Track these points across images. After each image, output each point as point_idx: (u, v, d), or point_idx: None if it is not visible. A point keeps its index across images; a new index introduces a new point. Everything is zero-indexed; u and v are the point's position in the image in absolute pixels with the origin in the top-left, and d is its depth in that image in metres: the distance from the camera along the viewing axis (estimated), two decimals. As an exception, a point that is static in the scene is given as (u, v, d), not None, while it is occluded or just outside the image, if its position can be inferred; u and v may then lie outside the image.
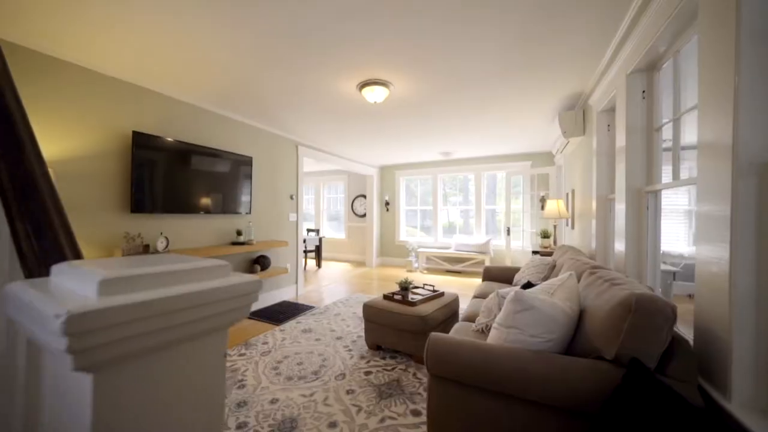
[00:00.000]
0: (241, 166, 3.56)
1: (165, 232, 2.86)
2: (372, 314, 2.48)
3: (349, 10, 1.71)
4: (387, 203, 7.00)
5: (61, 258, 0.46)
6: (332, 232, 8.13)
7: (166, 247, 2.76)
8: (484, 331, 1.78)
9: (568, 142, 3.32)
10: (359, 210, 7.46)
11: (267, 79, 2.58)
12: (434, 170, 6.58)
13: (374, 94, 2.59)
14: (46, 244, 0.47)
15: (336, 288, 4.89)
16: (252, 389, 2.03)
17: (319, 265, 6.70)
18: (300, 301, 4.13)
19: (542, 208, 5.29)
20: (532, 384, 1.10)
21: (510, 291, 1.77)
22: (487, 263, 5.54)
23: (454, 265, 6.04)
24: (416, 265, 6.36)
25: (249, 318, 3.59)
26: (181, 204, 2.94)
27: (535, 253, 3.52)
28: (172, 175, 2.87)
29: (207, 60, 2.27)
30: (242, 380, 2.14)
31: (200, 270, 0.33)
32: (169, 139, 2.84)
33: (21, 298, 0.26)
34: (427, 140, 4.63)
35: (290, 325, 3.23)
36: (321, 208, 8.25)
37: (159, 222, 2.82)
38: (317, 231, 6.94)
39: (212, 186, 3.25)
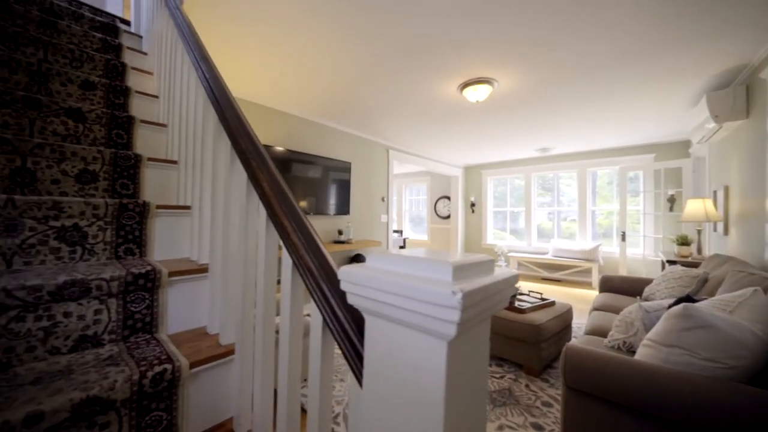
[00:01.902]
0: (342, 171, 3.91)
1: (284, 230, 3.32)
2: (475, 318, 2.44)
3: (456, 14, 1.74)
4: (473, 204, 6.78)
5: (317, 248, 0.59)
6: (414, 234, 8.24)
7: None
8: (621, 348, 1.59)
9: (720, 128, 2.70)
10: (443, 211, 7.40)
11: (367, 90, 2.78)
12: (527, 168, 6.11)
13: (476, 93, 2.56)
14: (306, 234, 0.61)
15: (423, 289, 4.95)
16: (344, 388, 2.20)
17: (402, 265, 6.87)
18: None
19: (671, 209, 4.43)
20: (709, 416, 0.95)
21: (656, 305, 1.54)
22: (595, 272, 4.89)
23: (552, 272, 5.50)
24: (506, 270, 5.99)
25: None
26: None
27: (671, 263, 2.96)
28: (286, 180, 3.32)
29: (314, 79, 2.57)
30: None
31: (489, 262, 0.39)
32: (280, 148, 3.29)
33: (383, 279, 0.35)
34: (525, 136, 4.34)
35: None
36: (403, 210, 8.45)
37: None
38: (400, 232, 7.13)
39: (318, 190, 3.65)
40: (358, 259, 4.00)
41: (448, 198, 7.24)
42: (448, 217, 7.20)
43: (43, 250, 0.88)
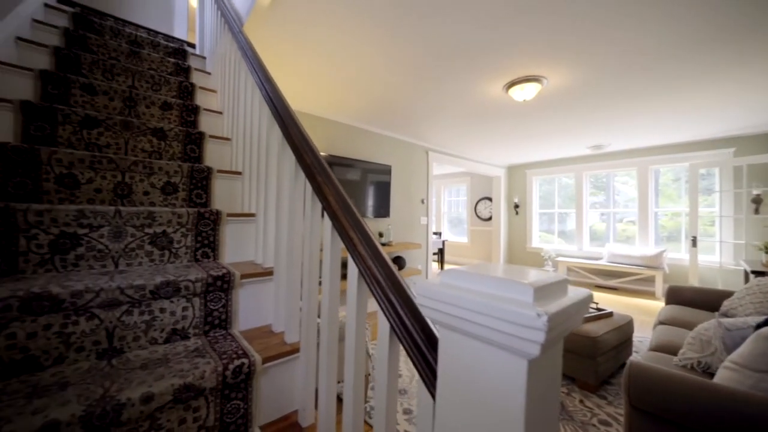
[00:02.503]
0: (382, 174, 3.98)
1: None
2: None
3: (502, 15, 1.70)
4: (516, 206, 6.50)
5: (384, 260, 0.63)
6: (453, 236, 8.10)
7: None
8: (695, 369, 1.45)
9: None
10: (483, 213, 7.19)
11: (409, 94, 2.81)
12: (578, 167, 5.72)
13: (524, 93, 2.47)
14: (372, 246, 0.65)
15: (464, 293, 4.86)
16: (408, 380, 2.24)
17: (442, 268, 6.79)
18: (431, 303, 4.29)
19: (756, 210, 3.89)
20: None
21: (739, 322, 1.39)
22: (659, 281, 4.44)
23: (606, 279, 5.10)
24: (554, 275, 5.66)
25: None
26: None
27: (758, 273, 2.61)
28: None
29: (356, 87, 2.65)
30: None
31: (563, 281, 0.40)
32: (322, 153, 3.43)
33: (462, 296, 0.38)
34: (576, 134, 4.08)
35: (427, 325, 3.39)
36: (442, 211, 8.35)
37: (324, 224, 3.46)
38: (439, 234, 7.06)
39: (359, 193, 3.75)
40: (398, 261, 4.04)
41: (490, 199, 7.02)
42: (490, 219, 6.98)
43: (140, 253, 1.03)
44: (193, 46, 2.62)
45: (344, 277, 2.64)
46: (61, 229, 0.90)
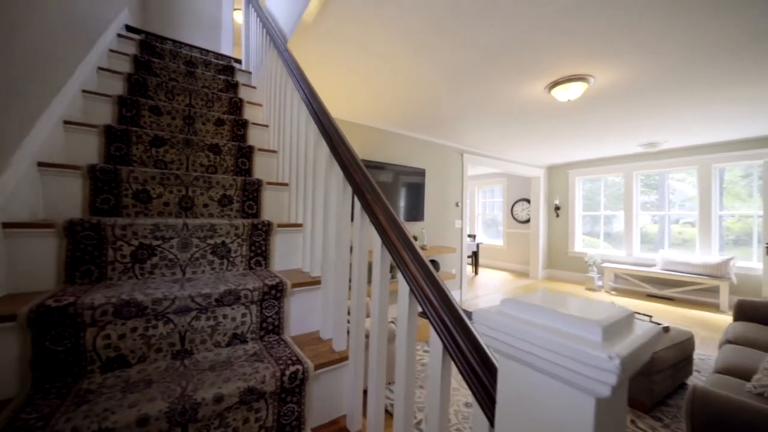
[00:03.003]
0: (417, 177, 3.98)
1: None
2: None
3: (547, 16, 1.64)
4: (557, 208, 6.19)
5: (436, 281, 0.66)
6: (488, 238, 7.89)
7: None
8: (773, 397, 1.31)
9: None
10: (520, 215, 6.93)
11: (444, 98, 2.79)
12: (628, 166, 5.33)
13: (568, 92, 2.36)
14: (423, 267, 0.67)
15: (498, 299, 4.71)
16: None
17: (476, 272, 6.65)
18: (465, 308, 4.23)
19: None
20: None
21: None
22: (725, 292, 4.02)
23: (660, 288, 4.71)
24: (600, 283, 5.32)
25: (422, 317, 3.96)
26: (373, 213, 3.57)
27: None
28: (368, 190, 3.53)
29: (391, 93, 2.68)
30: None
31: (629, 315, 0.39)
32: (369, 160, 3.50)
33: (524, 329, 0.39)
34: (626, 131, 3.81)
35: (462, 332, 3.35)
36: (476, 213, 8.16)
37: (359, 228, 3.54)
38: (474, 237, 6.91)
39: (393, 196, 3.78)
40: (433, 265, 4.03)
41: (527, 201, 6.75)
42: (527, 221, 6.72)
43: (203, 262, 1.13)
44: (239, 61, 2.80)
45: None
46: (140, 241, 1.03)
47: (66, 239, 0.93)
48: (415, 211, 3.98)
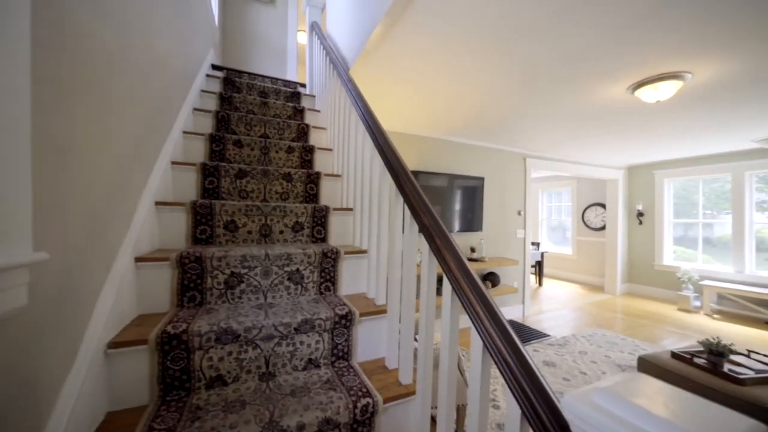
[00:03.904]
0: (475, 186, 3.87)
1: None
2: (655, 375, 1.99)
3: (634, 18, 1.47)
4: (640, 214, 5.48)
5: (513, 342, 0.65)
6: (553, 246, 7.31)
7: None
8: None
9: None
10: (594, 222, 6.29)
11: (514, 105, 2.66)
12: (737, 165, 4.49)
13: (657, 93, 2.09)
14: (496, 319, 0.67)
15: (567, 315, 4.34)
16: (499, 414, 2.13)
17: (540, 283, 6.21)
18: (528, 324, 3.97)
19: None
20: None
21: None
22: None
23: (785, 314, 3.87)
24: (697, 303, 4.57)
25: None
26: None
27: None
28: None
29: (453, 105, 2.63)
30: (493, 400, 2.29)
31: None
32: (411, 169, 3.51)
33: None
34: (735, 126, 3.23)
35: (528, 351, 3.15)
36: (539, 218, 7.62)
37: (415, 239, 3.56)
38: (537, 245, 6.46)
39: (450, 206, 3.73)
40: (491, 278, 3.87)
41: (602, 206, 6.10)
42: (602, 228, 6.06)
43: (281, 287, 1.26)
44: (303, 85, 3.03)
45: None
46: (231, 270, 1.18)
47: (177, 270, 1.12)
48: (473, 221, 3.87)
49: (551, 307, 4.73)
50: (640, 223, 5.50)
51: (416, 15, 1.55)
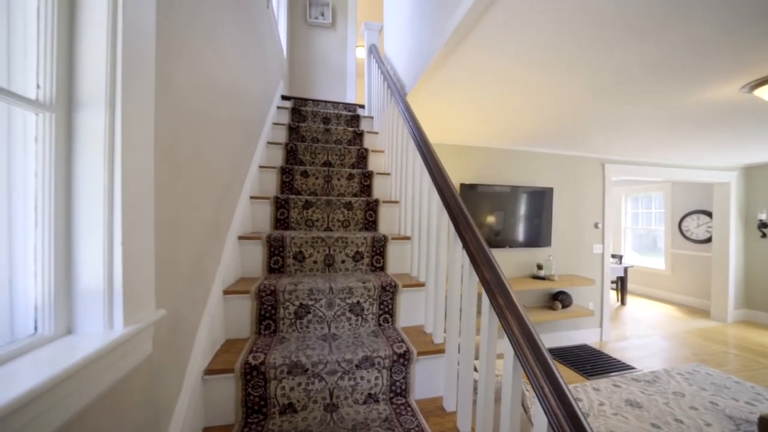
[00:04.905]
0: (541, 198, 3.61)
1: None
2: (782, 439, 1.64)
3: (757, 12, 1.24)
4: (763, 225, 4.52)
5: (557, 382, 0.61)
6: (641, 259, 6.41)
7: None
8: None
9: None
10: (695, 232, 5.37)
11: (590, 113, 2.44)
12: None
13: (782, 92, 1.73)
14: (545, 365, 0.64)
15: (657, 344, 3.78)
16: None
17: (623, 301, 5.51)
18: (607, 351, 3.56)
19: None
20: None
21: None
22: None
23: None
24: None
25: (548, 356, 3.54)
26: (488, 241, 3.42)
27: None
28: (484, 215, 3.41)
29: (519, 115, 2.49)
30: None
31: None
32: (470, 182, 3.39)
33: None
34: None
35: (605, 385, 2.84)
36: (622, 227, 6.76)
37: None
38: (620, 258, 5.74)
39: (513, 220, 3.53)
40: (562, 298, 3.57)
41: (706, 213, 5.18)
42: (707, 240, 5.15)
43: (343, 318, 1.35)
44: (362, 106, 3.17)
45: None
46: (300, 302, 1.31)
47: (256, 301, 1.28)
48: (539, 235, 3.61)
49: (637, 333, 4.17)
50: (763, 235, 4.53)
51: (479, 39, 1.52)
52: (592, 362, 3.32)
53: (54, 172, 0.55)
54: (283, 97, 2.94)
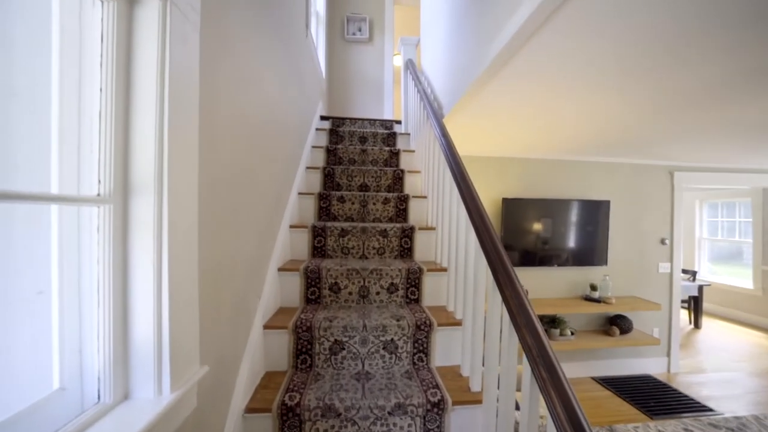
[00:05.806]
0: (596, 213, 3.33)
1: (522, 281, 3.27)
2: None
3: None
4: None
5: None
6: (719, 272, 5.64)
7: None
8: None
9: None
10: (792, 247, 4.60)
11: (658, 124, 2.20)
12: None
13: None
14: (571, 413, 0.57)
15: (744, 381, 3.28)
16: None
17: (696, 324, 4.88)
18: (676, 386, 3.17)
19: None
20: None
21: None
22: None
23: None
24: None
25: (598, 383, 3.26)
26: (533, 257, 3.23)
27: None
28: (529, 230, 3.23)
29: (571, 126, 2.31)
30: (623, 491, 1.92)
31: None
32: (516, 197, 3.21)
33: None
34: None
35: (674, 429, 2.52)
36: (696, 237, 6.01)
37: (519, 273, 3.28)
38: (693, 274, 5.10)
39: (564, 237, 3.29)
40: (619, 323, 3.25)
41: (809, 225, 4.41)
42: (810, 257, 4.38)
43: (377, 356, 1.36)
44: (398, 122, 3.17)
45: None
46: (335, 338, 1.34)
47: (293, 335, 1.34)
48: (593, 253, 3.32)
49: (716, 364, 3.67)
50: None
51: (524, 64, 1.44)
52: (657, 398, 2.98)
53: (112, 256, 0.62)
54: (322, 117, 3.04)
